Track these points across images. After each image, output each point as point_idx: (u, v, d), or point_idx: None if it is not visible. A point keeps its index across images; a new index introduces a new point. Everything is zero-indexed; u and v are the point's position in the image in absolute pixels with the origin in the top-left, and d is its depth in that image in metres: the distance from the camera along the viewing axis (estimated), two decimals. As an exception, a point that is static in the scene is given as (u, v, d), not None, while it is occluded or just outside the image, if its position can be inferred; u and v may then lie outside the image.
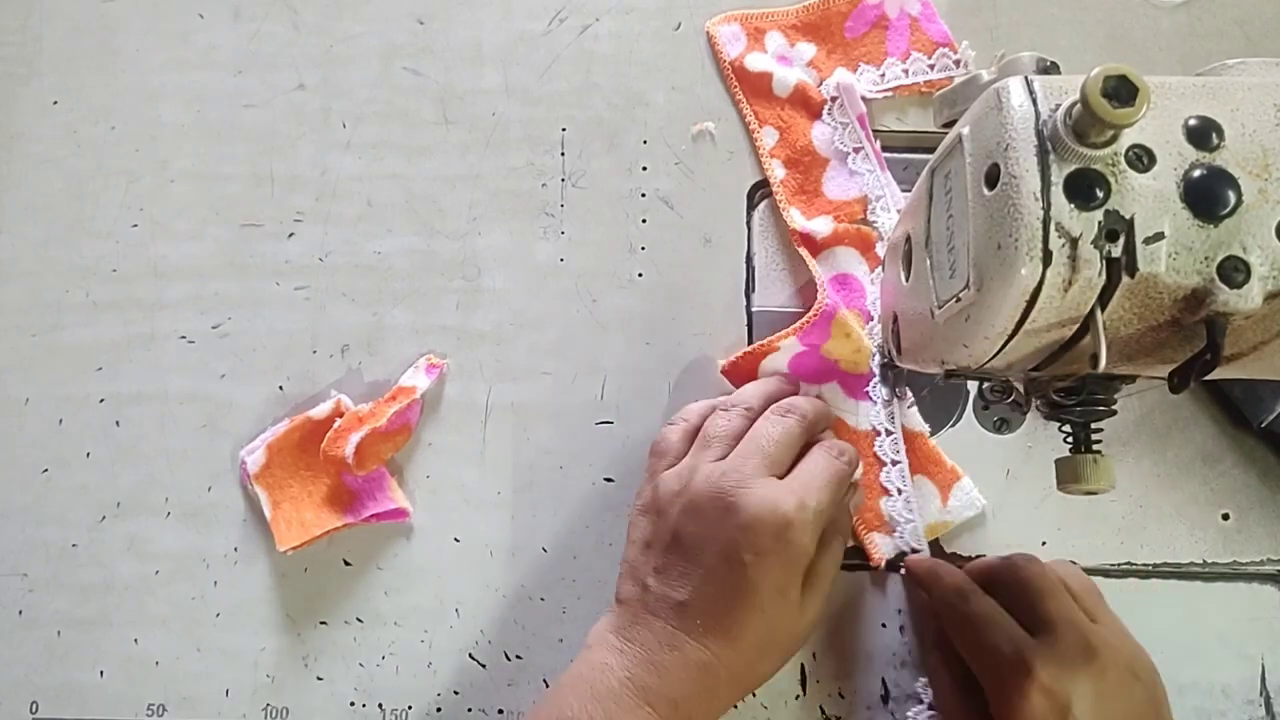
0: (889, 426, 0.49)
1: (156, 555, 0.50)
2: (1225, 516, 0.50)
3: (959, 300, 0.34)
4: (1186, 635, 0.44)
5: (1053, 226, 0.30)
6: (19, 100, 0.54)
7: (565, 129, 0.54)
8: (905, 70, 0.53)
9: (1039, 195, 0.30)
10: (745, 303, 0.52)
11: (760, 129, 0.53)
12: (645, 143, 0.54)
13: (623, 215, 0.53)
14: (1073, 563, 0.48)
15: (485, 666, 0.49)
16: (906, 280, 0.41)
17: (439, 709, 0.48)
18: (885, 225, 0.51)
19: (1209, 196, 0.31)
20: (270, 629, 0.49)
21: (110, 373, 0.51)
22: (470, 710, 0.48)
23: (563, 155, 0.53)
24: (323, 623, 0.49)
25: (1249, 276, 0.30)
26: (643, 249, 0.52)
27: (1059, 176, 0.30)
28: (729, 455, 0.43)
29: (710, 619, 0.40)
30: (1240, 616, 0.49)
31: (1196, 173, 0.31)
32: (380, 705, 0.48)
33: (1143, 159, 0.31)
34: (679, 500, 0.42)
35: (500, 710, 0.48)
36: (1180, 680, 0.46)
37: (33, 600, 0.49)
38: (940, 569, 0.47)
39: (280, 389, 0.51)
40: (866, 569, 0.49)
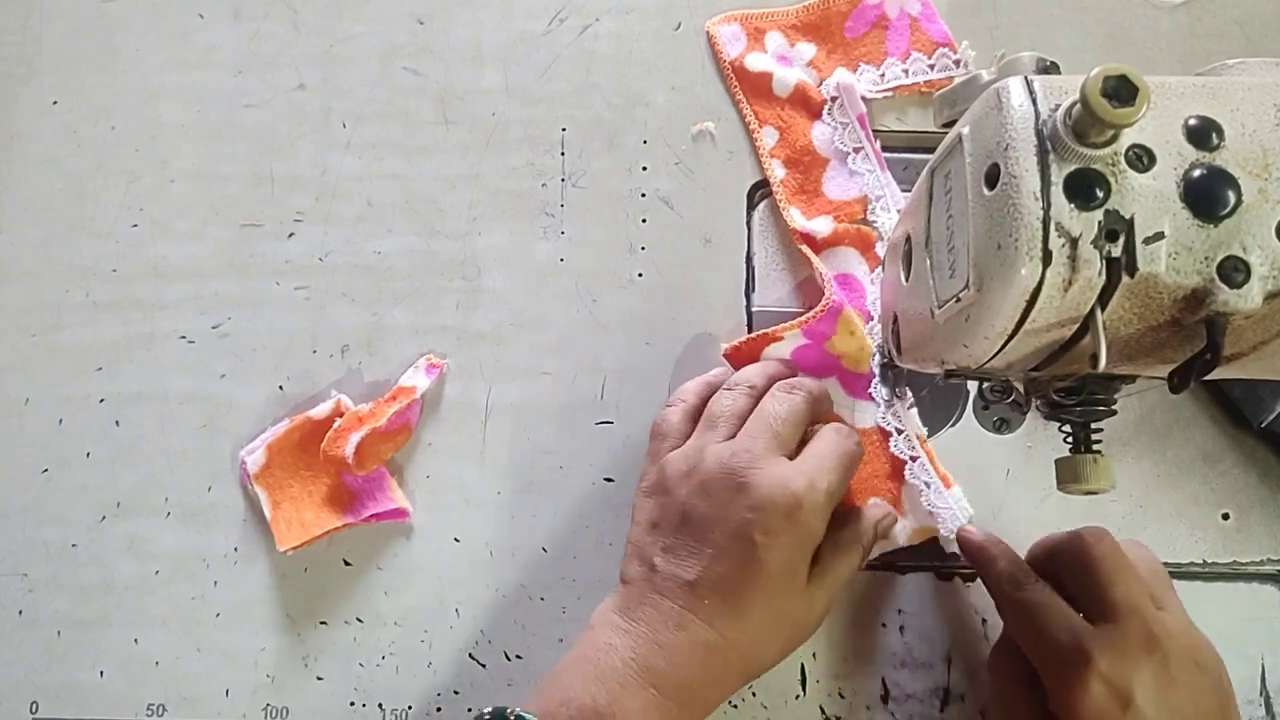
0: (898, 425, 0.49)
1: (156, 555, 0.50)
2: (1225, 516, 0.50)
3: (959, 300, 0.34)
4: (1186, 635, 0.44)
5: (1053, 226, 0.30)
6: (19, 100, 0.54)
7: (565, 129, 0.54)
8: (905, 70, 0.53)
9: (1039, 195, 0.30)
10: (745, 302, 0.52)
11: (760, 129, 0.53)
12: (645, 143, 0.54)
13: (623, 215, 0.53)
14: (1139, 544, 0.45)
15: (485, 666, 0.49)
16: (906, 280, 0.40)
17: (439, 709, 0.48)
18: (885, 225, 0.51)
19: (1209, 196, 0.31)
20: (270, 629, 0.49)
21: (110, 373, 0.51)
22: (470, 710, 0.48)
23: (563, 155, 0.53)
24: (323, 623, 0.49)
25: (1249, 276, 0.30)
26: (643, 249, 0.52)
27: (1059, 176, 0.30)
28: (737, 434, 0.43)
29: (719, 598, 0.40)
30: (1240, 616, 0.49)
31: (1196, 173, 0.31)
32: (380, 705, 0.48)
33: (1143, 159, 0.31)
34: (688, 481, 0.42)
35: (500, 710, 0.48)
36: (1180, 680, 0.46)
37: (33, 600, 0.49)
38: (992, 549, 0.45)
39: (280, 389, 0.51)
40: (868, 569, 0.49)
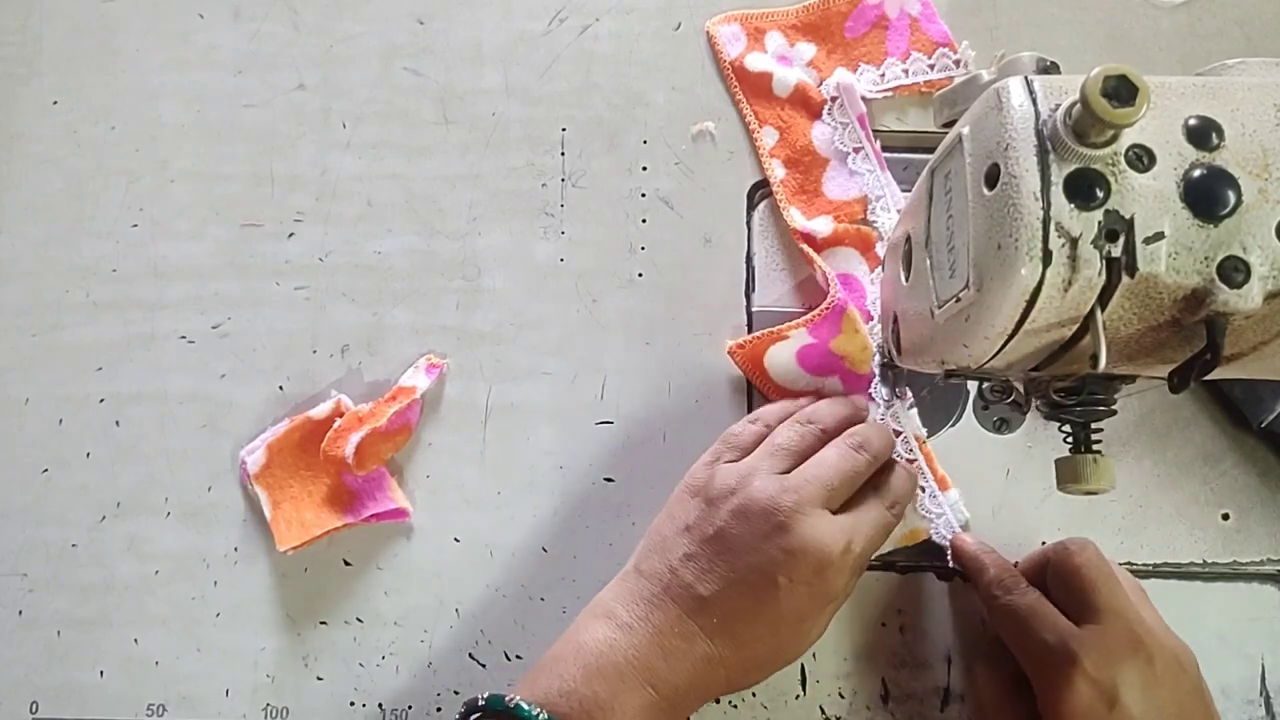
0: (898, 426, 0.49)
1: (156, 555, 0.50)
2: (1225, 516, 0.50)
3: (959, 300, 0.34)
4: (1186, 635, 0.44)
5: (1053, 226, 0.30)
6: (19, 100, 0.54)
7: (565, 129, 0.54)
8: (905, 70, 0.53)
9: (1039, 195, 0.30)
10: (745, 302, 0.52)
11: (760, 129, 0.53)
12: (645, 143, 0.53)
13: (623, 215, 0.53)
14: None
15: (485, 666, 0.49)
16: (906, 280, 0.40)
17: (439, 709, 0.48)
18: (885, 225, 0.51)
19: (1209, 196, 0.31)
20: (270, 629, 0.49)
21: (110, 373, 0.51)
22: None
23: (563, 155, 0.53)
24: (323, 623, 0.49)
25: (1249, 276, 0.30)
26: (643, 249, 0.52)
27: (1059, 176, 0.30)
28: (792, 472, 0.43)
29: (726, 622, 0.41)
30: (1240, 616, 0.49)
31: (1196, 173, 0.31)
32: (380, 705, 0.48)
33: (1143, 159, 0.31)
34: (732, 499, 0.42)
35: (500, 710, 0.48)
36: (1180, 680, 0.46)
37: (33, 600, 0.49)
38: (984, 557, 0.46)
39: (280, 389, 0.51)
40: (868, 568, 0.49)
